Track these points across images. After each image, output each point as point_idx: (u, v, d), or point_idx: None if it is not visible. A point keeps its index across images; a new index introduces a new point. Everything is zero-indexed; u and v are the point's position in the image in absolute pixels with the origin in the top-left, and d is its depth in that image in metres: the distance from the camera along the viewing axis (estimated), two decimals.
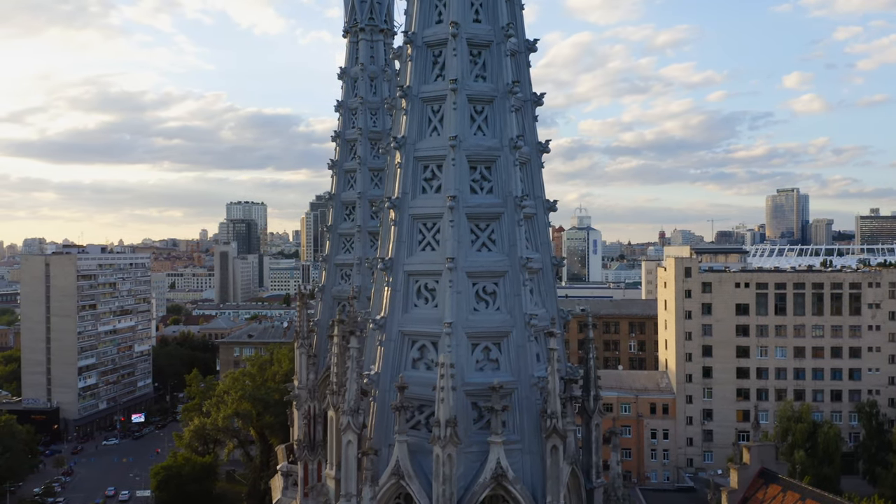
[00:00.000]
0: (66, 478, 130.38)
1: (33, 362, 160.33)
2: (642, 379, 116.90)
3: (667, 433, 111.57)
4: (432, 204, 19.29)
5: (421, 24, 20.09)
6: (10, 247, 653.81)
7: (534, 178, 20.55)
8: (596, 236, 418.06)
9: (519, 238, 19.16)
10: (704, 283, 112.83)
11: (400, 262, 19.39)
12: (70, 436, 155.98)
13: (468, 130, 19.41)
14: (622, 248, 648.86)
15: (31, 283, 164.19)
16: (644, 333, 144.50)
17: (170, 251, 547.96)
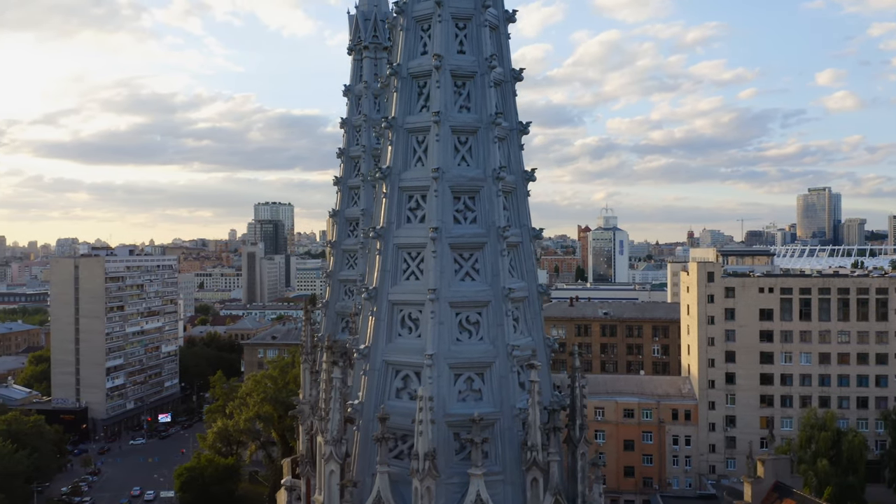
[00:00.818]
0: (93, 477, 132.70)
1: (62, 363, 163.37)
2: (664, 384, 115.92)
3: (689, 439, 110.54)
4: (416, 234, 19.41)
5: (406, 56, 20.22)
6: (43, 246, 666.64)
7: (519, 207, 20.57)
8: (622, 237, 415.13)
9: (502, 268, 19.21)
10: (727, 287, 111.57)
11: (384, 292, 19.54)
12: (98, 435, 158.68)
13: (452, 161, 19.49)
14: (650, 248, 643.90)
15: (61, 284, 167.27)
16: (668, 337, 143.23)
17: (199, 251, 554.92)
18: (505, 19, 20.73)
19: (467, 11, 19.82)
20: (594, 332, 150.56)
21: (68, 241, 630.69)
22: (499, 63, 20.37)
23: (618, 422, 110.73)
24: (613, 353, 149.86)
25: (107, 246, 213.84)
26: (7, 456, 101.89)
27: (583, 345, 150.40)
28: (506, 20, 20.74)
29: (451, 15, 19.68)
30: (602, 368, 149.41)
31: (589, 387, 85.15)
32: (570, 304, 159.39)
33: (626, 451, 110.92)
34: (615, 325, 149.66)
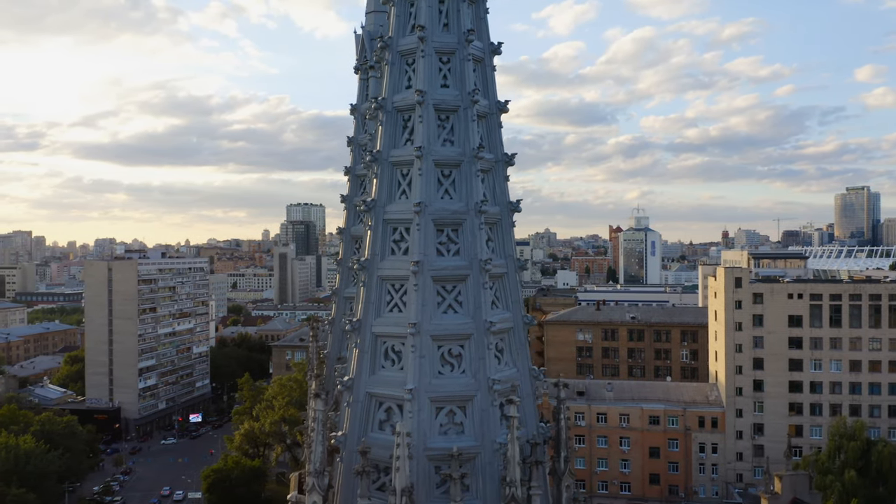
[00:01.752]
0: (125, 476, 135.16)
1: (96, 363, 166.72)
2: (691, 391, 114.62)
3: (716, 447, 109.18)
4: (400, 266, 19.56)
5: (391, 90, 20.39)
6: (82, 246, 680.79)
7: (504, 238, 20.62)
8: (654, 237, 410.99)
9: (484, 300, 19.28)
10: (755, 293, 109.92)
11: (368, 324, 19.73)
12: (130, 435, 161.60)
13: (435, 195, 19.61)
14: (683, 248, 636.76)
15: (95, 287, 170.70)
16: (697, 342, 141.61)
17: (233, 251, 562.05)
18: (490, 51, 20.79)
19: (451, 46, 19.92)
20: (621, 337, 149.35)
21: (106, 242, 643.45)
22: (483, 95, 20.44)
23: (643, 429, 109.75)
24: (641, 358, 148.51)
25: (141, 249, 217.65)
26: (40, 456, 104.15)
27: (610, 349, 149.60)
28: (491, 52, 20.80)
29: (434, 49, 19.80)
30: (629, 373, 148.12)
31: (614, 393, 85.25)
32: (596, 307, 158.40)
33: (652, 458, 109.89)
34: (643, 330, 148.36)
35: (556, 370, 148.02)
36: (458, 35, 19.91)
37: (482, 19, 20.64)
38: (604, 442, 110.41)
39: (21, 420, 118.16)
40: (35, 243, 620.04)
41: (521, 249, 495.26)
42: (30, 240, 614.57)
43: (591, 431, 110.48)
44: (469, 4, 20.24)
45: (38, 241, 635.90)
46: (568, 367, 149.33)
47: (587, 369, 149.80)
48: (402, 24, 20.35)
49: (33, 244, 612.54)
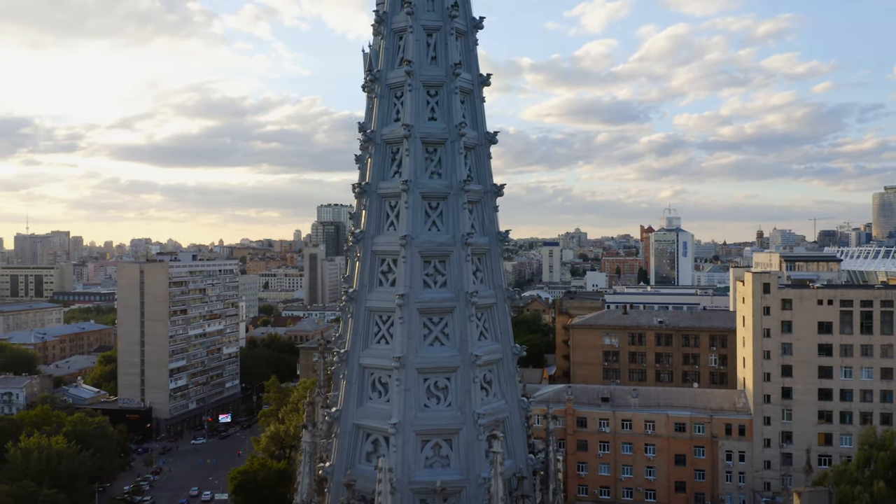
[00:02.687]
0: (155, 476, 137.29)
1: (128, 364, 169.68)
2: (718, 398, 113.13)
3: (743, 455, 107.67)
4: (387, 298, 19.68)
5: (380, 122, 20.52)
6: (118, 246, 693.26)
7: (493, 268, 20.63)
8: (686, 238, 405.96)
9: (471, 333, 19.30)
10: (784, 299, 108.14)
11: (355, 355, 19.88)
12: (161, 435, 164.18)
13: (422, 227, 19.70)
14: (717, 248, 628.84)
15: (127, 289, 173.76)
16: (726, 347, 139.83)
17: (265, 251, 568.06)
18: (479, 83, 20.82)
19: (438, 79, 19.99)
20: (649, 341, 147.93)
21: (142, 242, 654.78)
22: (472, 127, 20.47)
23: (669, 436, 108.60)
24: (669, 363, 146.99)
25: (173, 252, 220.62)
26: (71, 456, 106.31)
27: (637, 354, 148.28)
28: (480, 83, 20.83)
29: (421, 83, 19.89)
30: (657, 378, 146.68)
31: (640, 399, 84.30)
32: (623, 311, 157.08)
33: (678, 465, 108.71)
34: (671, 334, 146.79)
35: (582, 375, 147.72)
36: (445, 68, 19.98)
37: (471, 51, 20.68)
38: (629, 449, 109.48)
39: (54, 420, 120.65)
40: (73, 243, 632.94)
41: (550, 250, 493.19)
42: (68, 240, 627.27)
43: (615, 438, 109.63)
44: (457, 38, 20.28)
45: (75, 241, 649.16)
46: (594, 372, 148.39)
47: (614, 374, 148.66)
48: (391, 56, 20.48)
49: (71, 244, 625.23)
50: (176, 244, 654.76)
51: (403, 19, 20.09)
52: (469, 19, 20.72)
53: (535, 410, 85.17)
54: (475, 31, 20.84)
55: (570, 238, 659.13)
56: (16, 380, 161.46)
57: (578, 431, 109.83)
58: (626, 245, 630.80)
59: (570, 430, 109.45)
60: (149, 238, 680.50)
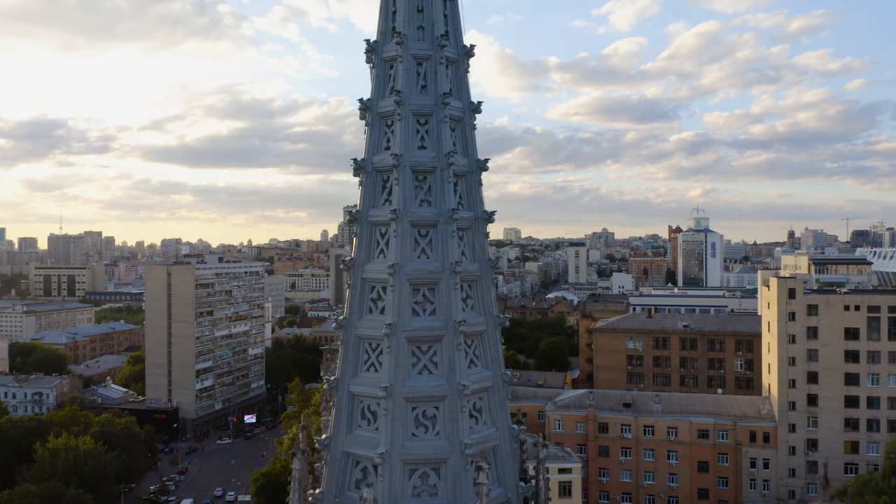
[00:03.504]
0: (181, 476, 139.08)
1: (156, 364, 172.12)
2: (742, 405, 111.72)
3: (767, 463, 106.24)
4: (376, 326, 19.77)
5: (371, 150, 20.63)
6: (150, 246, 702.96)
7: (484, 295, 20.63)
8: (714, 238, 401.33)
9: (459, 362, 19.32)
10: (810, 305, 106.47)
11: (345, 383, 20.01)
12: (187, 435, 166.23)
13: (411, 255, 19.76)
14: (747, 248, 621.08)
15: (155, 291, 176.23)
16: (752, 352, 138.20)
17: (292, 251, 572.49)
18: (470, 111, 20.82)
19: (428, 108, 20.04)
20: (673, 346, 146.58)
21: (172, 242, 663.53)
22: (463, 154, 20.50)
23: (692, 442, 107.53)
24: (694, 368, 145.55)
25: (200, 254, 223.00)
26: (98, 457, 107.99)
27: (661, 358, 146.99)
28: (471, 111, 20.83)
29: (411, 112, 19.95)
30: (681, 383, 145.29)
31: (662, 405, 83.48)
32: (647, 315, 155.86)
33: (701, 472, 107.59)
34: (696, 339, 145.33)
35: (606, 379, 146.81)
36: (435, 97, 20.02)
37: (461, 79, 20.70)
38: (651, 455, 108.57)
39: (82, 421, 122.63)
40: (105, 243, 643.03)
41: (576, 250, 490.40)
42: (100, 240, 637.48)
43: (637, 444, 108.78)
44: (447, 66, 20.31)
45: (107, 241, 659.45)
46: (617, 376, 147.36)
47: (638, 378, 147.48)
48: (382, 86, 20.58)
49: (103, 244, 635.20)
50: (206, 244, 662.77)
51: (393, 49, 20.19)
52: (460, 47, 20.75)
53: (555, 415, 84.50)
54: (466, 59, 20.86)
55: (596, 238, 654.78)
56: (46, 380, 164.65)
57: (600, 437, 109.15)
58: (655, 245, 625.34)
59: (592, 436, 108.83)
60: (179, 238, 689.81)
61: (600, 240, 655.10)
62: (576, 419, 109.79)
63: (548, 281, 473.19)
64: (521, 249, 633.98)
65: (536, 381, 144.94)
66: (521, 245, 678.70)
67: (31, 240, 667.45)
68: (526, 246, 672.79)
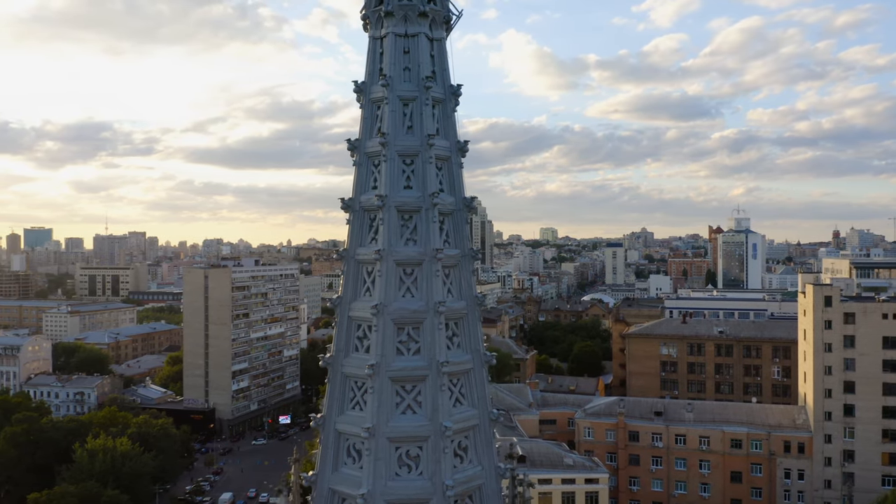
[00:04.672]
0: (216, 476, 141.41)
1: (193, 366, 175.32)
2: (776, 414, 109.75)
3: (802, 474, 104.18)
4: (362, 364, 19.97)
5: (358, 189, 20.85)
6: (192, 246, 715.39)
7: (471, 332, 20.69)
8: (756, 239, 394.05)
9: (442, 402, 19.43)
10: (847, 313, 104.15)
11: (331, 420, 20.25)
12: (224, 435, 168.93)
13: (395, 294, 19.92)
14: (790, 248, 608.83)
15: (192, 293, 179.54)
16: (790, 358, 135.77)
17: (330, 252, 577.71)
18: (457, 149, 20.90)
19: (413, 149, 20.19)
20: (708, 352, 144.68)
21: (213, 242, 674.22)
22: (449, 193, 20.61)
23: (724, 452, 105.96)
24: (729, 374, 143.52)
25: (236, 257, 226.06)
26: (135, 458, 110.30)
27: (696, 364, 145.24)
28: (458, 150, 20.91)
29: (397, 153, 20.12)
30: (717, 390, 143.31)
31: (695, 413, 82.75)
32: (682, 320, 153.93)
33: (734, 483, 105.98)
34: (731, 345, 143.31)
35: (639, 385, 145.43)
36: (420, 138, 20.16)
37: (449, 118, 20.81)
38: (682, 464, 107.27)
39: (120, 422, 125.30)
40: (148, 244, 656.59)
41: (613, 251, 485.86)
42: (144, 240, 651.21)
43: (669, 453, 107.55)
44: (434, 106, 20.44)
45: (151, 241, 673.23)
46: (651, 383, 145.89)
47: (671, 385, 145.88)
48: (369, 126, 20.80)
49: (147, 245, 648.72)
50: (246, 244, 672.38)
51: (380, 90, 20.40)
52: (447, 87, 20.85)
53: (585, 423, 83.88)
54: (454, 98, 20.95)
55: (635, 238, 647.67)
56: (88, 380, 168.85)
57: (630, 445, 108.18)
58: (695, 245, 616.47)
59: (622, 444, 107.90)
60: (220, 238, 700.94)
61: (639, 240, 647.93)
62: (606, 427, 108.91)
63: (584, 282, 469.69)
64: (557, 250, 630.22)
65: (568, 387, 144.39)
66: (558, 245, 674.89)
67: (78, 240, 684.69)
68: (563, 246, 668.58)
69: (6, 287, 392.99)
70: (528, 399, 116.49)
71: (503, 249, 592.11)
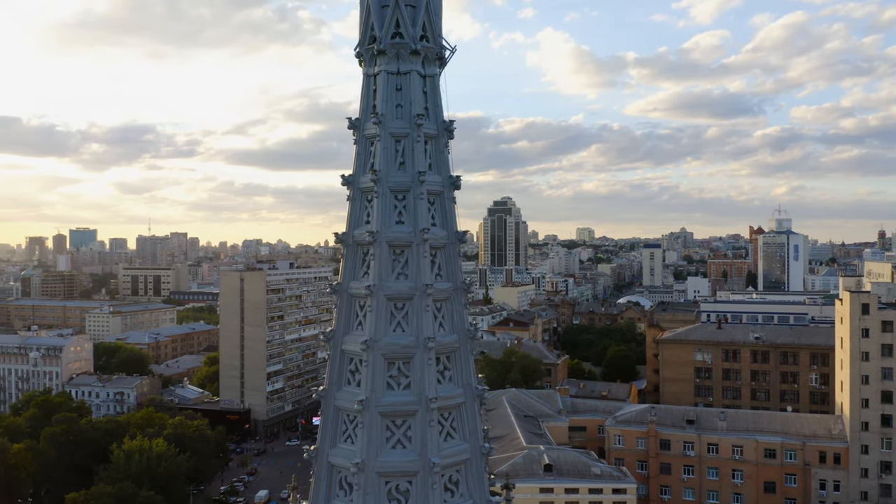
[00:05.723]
0: (250, 477, 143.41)
1: (229, 367, 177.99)
2: (812, 423, 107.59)
3: (838, 485, 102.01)
4: (352, 398, 20.25)
5: (352, 224, 21.14)
6: (232, 247, 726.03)
7: (463, 365, 20.83)
8: (797, 240, 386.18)
9: (431, 437, 19.60)
10: (885, 321, 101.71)
11: (324, 452, 20.58)
12: (258, 435, 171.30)
13: (386, 329, 20.16)
14: (834, 249, 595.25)
15: (229, 295, 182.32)
16: (827, 366, 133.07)
17: None
18: (450, 184, 21.06)
19: (405, 185, 20.42)
20: (744, 358, 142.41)
21: (253, 243, 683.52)
22: (442, 227, 20.78)
23: (758, 462, 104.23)
24: (765, 381, 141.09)
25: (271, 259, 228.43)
26: (170, 459, 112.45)
27: (731, 371, 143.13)
28: (451, 185, 21.07)
29: (389, 189, 20.36)
30: (752, 397, 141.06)
31: (728, 422, 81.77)
32: (717, 325, 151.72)
33: (767, 493, 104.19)
34: (767, 351, 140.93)
35: (672, 392, 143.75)
36: (412, 175, 20.38)
37: (441, 153, 20.99)
38: (714, 474, 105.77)
39: (156, 423, 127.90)
40: (190, 244, 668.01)
41: (651, 252, 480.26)
42: (185, 241, 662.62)
43: (701, 462, 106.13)
44: (426, 142, 20.64)
45: (192, 242, 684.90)
46: (685, 389, 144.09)
47: (706, 391, 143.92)
48: (363, 161, 21.10)
49: (188, 245, 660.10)
50: (285, 244, 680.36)
51: (373, 127, 20.67)
52: (439, 123, 21.04)
53: (615, 431, 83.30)
54: (446, 133, 21.13)
55: (674, 238, 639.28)
56: (128, 380, 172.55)
57: (661, 454, 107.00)
58: (736, 246, 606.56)
59: (653, 453, 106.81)
60: (260, 238, 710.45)
61: (678, 240, 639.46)
62: (636, 435, 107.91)
63: (621, 283, 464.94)
64: (594, 250, 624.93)
65: (600, 392, 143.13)
66: (595, 246, 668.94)
67: (122, 240, 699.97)
68: (599, 247, 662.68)
69: (52, 287, 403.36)
70: (558, 405, 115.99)
71: (538, 250, 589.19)
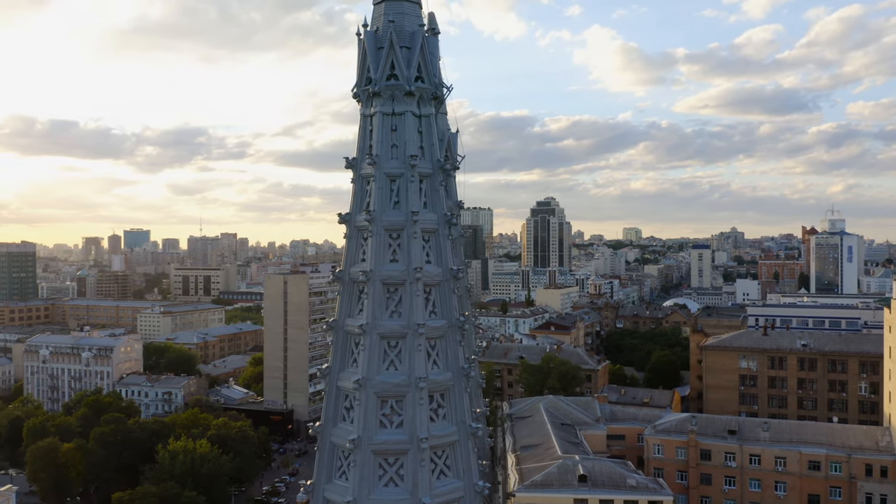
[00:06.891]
0: (291, 478, 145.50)
1: (273, 368, 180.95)
2: (858, 435, 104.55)
3: (885, 499, 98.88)
4: (346, 436, 20.54)
5: (349, 261, 21.44)
6: (280, 247, 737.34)
7: (457, 404, 20.93)
8: (851, 241, 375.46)
9: (422, 477, 19.77)
10: None
11: (320, 487, 20.92)
12: (301, 436, 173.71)
13: (379, 367, 20.39)
14: (891, 249, 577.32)
15: (273, 298, 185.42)
16: (877, 374, 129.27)
17: None
18: (445, 222, 21.20)
19: (399, 224, 20.64)
20: (790, 366, 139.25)
21: (300, 243, 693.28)
22: (437, 264, 20.93)
23: (801, 474, 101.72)
24: (812, 390, 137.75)
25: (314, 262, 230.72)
26: (213, 460, 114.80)
27: (777, 379, 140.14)
28: (446, 222, 21.20)
29: (383, 228, 20.60)
30: (799, 406, 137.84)
31: (771, 433, 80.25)
32: (763, 332, 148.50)
33: None
34: (815, 359, 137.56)
35: (716, 399, 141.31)
36: (405, 214, 20.58)
37: (436, 191, 21.13)
38: (757, 485, 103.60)
39: (201, 423, 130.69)
40: (239, 244, 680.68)
41: (699, 253, 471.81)
42: (235, 241, 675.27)
43: (742, 473, 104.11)
44: (421, 181, 20.83)
45: (241, 242, 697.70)
46: (729, 397, 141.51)
47: (751, 399, 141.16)
48: (360, 200, 21.37)
49: (238, 245, 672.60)
50: (331, 245, 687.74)
51: (368, 168, 20.94)
52: (434, 161, 21.19)
53: (654, 440, 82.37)
54: (441, 172, 21.27)
55: (724, 239, 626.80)
56: (175, 380, 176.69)
57: (702, 464, 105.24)
58: (788, 247, 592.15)
59: (693, 463, 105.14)
60: (307, 239, 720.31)
61: (728, 240, 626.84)
62: (676, 445, 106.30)
63: (668, 285, 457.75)
64: (641, 251, 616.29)
65: (642, 399, 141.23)
66: (642, 246, 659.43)
67: (174, 241, 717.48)
68: (647, 247, 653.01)
69: (107, 286, 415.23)
70: (596, 413, 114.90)
71: (583, 251, 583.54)
